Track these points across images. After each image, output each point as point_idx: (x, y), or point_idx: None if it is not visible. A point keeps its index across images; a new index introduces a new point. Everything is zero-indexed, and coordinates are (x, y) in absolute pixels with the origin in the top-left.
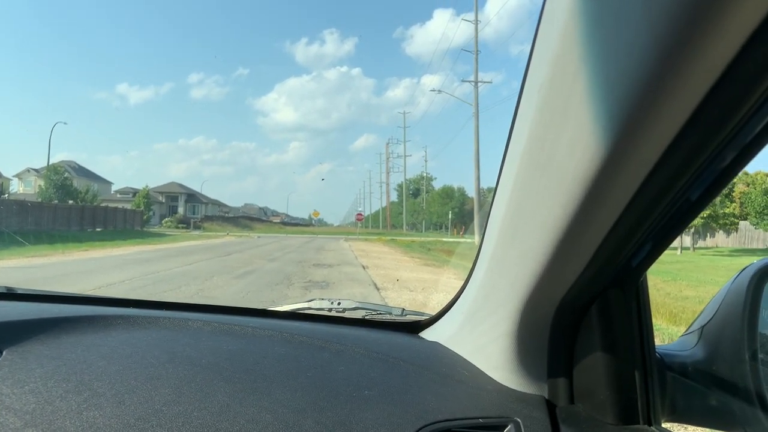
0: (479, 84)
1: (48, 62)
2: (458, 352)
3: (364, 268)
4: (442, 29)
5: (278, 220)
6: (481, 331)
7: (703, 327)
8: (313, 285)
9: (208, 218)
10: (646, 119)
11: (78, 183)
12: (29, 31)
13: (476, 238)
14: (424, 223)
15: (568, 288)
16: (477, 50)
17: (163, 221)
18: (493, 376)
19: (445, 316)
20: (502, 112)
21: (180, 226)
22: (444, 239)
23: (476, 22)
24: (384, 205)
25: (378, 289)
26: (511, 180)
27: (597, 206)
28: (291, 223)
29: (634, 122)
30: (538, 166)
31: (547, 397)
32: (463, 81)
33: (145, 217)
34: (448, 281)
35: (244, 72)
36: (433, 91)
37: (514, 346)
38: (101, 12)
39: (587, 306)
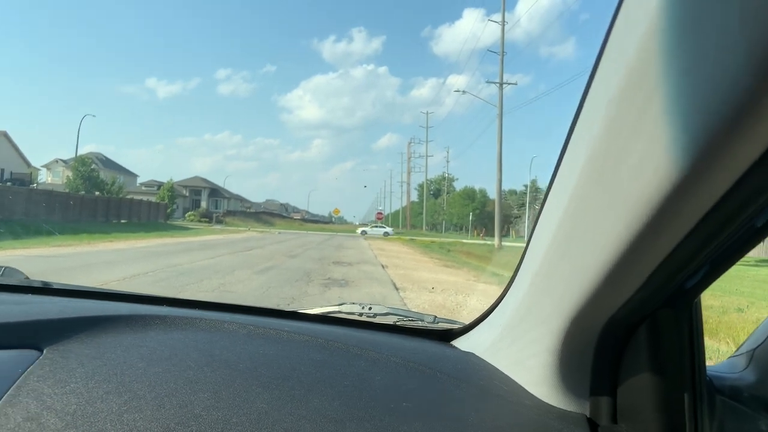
0: (504, 85)
1: (79, 56)
2: (495, 365)
3: (383, 267)
4: (470, 29)
5: (299, 217)
6: (521, 345)
7: (754, 350)
8: (332, 282)
9: (230, 213)
10: (729, 144)
11: (104, 175)
12: (61, 24)
13: (496, 241)
14: (444, 223)
15: (618, 308)
16: (503, 51)
17: (186, 215)
18: (532, 392)
19: (480, 325)
20: (528, 113)
21: (202, 220)
22: (464, 241)
23: (503, 23)
24: (404, 204)
25: (397, 289)
26: (567, 195)
27: (660, 230)
28: (311, 220)
29: (716, 147)
30: (599, 183)
31: (588, 416)
32: (488, 82)
33: (168, 210)
34: (466, 283)
35: (271, 69)
36: (458, 91)
37: (556, 362)
38: (132, 6)
39: (636, 325)
